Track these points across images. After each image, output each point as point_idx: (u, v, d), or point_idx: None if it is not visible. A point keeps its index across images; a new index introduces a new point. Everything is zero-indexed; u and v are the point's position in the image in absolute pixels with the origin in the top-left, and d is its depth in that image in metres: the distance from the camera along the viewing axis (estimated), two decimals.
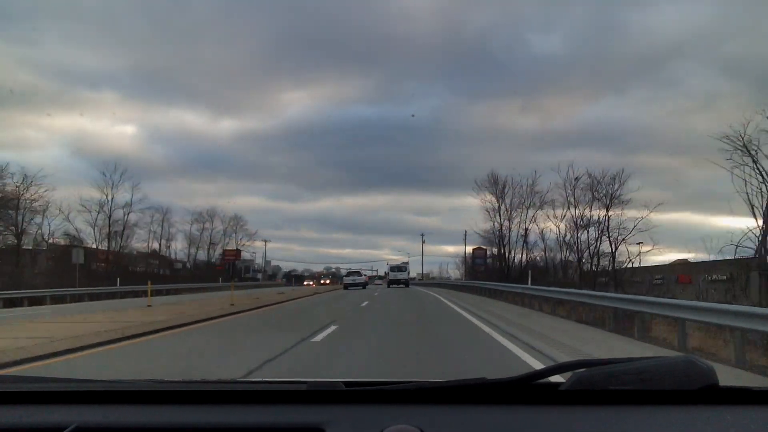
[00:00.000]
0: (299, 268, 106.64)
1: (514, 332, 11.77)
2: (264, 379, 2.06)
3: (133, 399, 1.45)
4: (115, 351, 9.58)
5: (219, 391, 1.48)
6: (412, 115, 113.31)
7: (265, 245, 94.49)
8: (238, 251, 78.76)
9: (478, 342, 10.75)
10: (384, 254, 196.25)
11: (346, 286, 49.63)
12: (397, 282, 52.10)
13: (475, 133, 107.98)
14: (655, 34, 78.25)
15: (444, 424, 1.24)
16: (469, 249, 68.59)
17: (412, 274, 66.40)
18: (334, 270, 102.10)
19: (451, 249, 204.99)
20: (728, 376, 6.77)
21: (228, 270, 71.35)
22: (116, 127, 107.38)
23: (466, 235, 71.76)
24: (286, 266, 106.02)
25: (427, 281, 75.06)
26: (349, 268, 64.89)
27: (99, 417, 1.34)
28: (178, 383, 1.62)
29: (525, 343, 9.96)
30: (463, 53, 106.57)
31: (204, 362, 8.44)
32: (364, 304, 23.65)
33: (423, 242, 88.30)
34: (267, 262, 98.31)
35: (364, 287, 49.49)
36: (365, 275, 57.48)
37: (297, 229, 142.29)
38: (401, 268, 55.78)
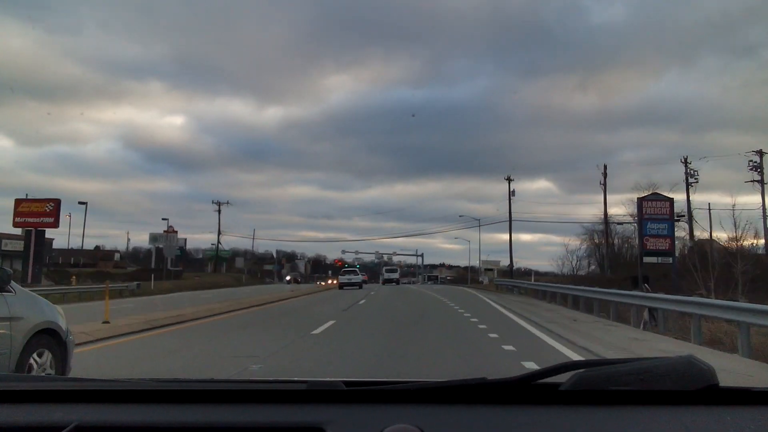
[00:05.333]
0: (349, 257, 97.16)
1: None
2: (264, 379, 2.06)
3: (133, 398, 1.45)
4: None
5: (219, 390, 1.48)
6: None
7: (219, 208, 72.88)
8: (55, 204, 35.93)
9: None
10: (437, 243, 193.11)
11: (341, 286, 48.08)
12: (390, 281, 62.78)
13: (528, 114, 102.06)
14: None
15: (444, 424, 1.24)
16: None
17: (486, 265, 72.12)
18: (352, 256, 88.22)
19: (506, 237, 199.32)
20: None
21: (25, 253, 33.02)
22: (165, 118, 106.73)
23: (606, 173, 44.58)
24: (333, 255, 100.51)
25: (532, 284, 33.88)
26: (346, 267, 64.34)
27: (99, 416, 1.34)
28: (179, 382, 1.62)
29: None
30: (512, 26, 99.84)
31: None
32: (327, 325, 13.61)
33: (511, 210, 56.26)
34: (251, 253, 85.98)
35: (360, 287, 47.69)
36: (363, 275, 56.68)
37: (349, 218, 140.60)
38: (393, 269, 70.29)
